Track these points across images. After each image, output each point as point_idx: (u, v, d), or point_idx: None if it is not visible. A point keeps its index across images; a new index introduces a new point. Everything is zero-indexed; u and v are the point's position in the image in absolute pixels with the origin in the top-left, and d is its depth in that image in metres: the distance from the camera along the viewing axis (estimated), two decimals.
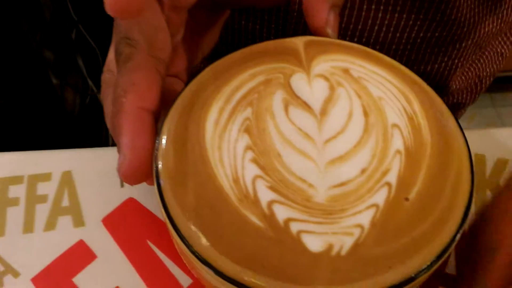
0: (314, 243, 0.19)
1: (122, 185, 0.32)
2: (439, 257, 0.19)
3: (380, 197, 0.20)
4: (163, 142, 0.22)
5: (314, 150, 0.21)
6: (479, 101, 0.59)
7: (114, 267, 0.29)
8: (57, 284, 0.29)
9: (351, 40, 0.42)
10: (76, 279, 0.29)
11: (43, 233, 0.31)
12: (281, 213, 0.19)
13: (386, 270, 0.18)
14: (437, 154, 0.21)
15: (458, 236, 0.20)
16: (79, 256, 0.29)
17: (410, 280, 0.19)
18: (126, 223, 0.30)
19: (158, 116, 0.23)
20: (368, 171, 0.20)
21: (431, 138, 0.21)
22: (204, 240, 0.19)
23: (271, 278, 0.18)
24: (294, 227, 0.19)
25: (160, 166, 0.21)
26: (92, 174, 0.32)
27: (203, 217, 0.19)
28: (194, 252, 0.19)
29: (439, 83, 0.48)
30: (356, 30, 0.41)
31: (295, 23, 0.41)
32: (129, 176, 0.22)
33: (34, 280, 0.29)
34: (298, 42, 0.25)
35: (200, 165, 0.21)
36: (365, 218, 0.19)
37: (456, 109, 0.54)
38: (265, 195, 0.20)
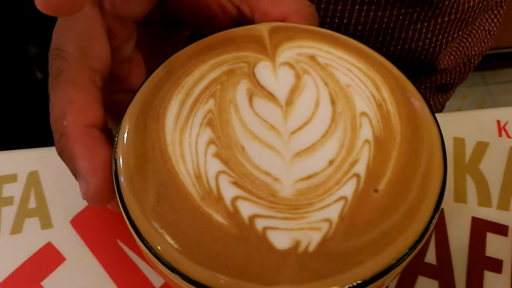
0: (280, 240, 0.18)
1: None
2: (411, 249, 0.18)
3: (348, 189, 0.19)
4: (121, 140, 0.20)
5: (279, 142, 0.20)
6: (470, 80, 0.58)
7: (83, 269, 0.28)
8: None
9: (332, 21, 0.41)
10: (45, 283, 0.28)
11: (10, 237, 0.29)
12: (246, 209, 0.18)
13: (356, 265, 0.18)
14: (407, 141, 0.20)
15: (431, 226, 0.19)
16: (48, 259, 0.28)
17: (382, 274, 0.18)
18: (95, 223, 0.29)
19: (106, 130, 0.21)
20: (336, 162, 0.19)
21: (400, 125, 0.21)
22: (165, 241, 0.18)
23: (235, 278, 0.17)
24: (259, 224, 0.18)
25: (118, 165, 0.20)
26: (59, 174, 0.31)
27: (164, 217, 0.19)
28: (155, 254, 0.18)
29: (425, 61, 0.47)
30: (336, 11, 0.40)
31: None
32: (99, 200, 0.20)
33: (2, 285, 0.28)
34: (263, 28, 0.24)
35: (160, 162, 0.20)
36: (333, 212, 0.18)
37: (445, 89, 0.54)
38: (228, 191, 0.19)
